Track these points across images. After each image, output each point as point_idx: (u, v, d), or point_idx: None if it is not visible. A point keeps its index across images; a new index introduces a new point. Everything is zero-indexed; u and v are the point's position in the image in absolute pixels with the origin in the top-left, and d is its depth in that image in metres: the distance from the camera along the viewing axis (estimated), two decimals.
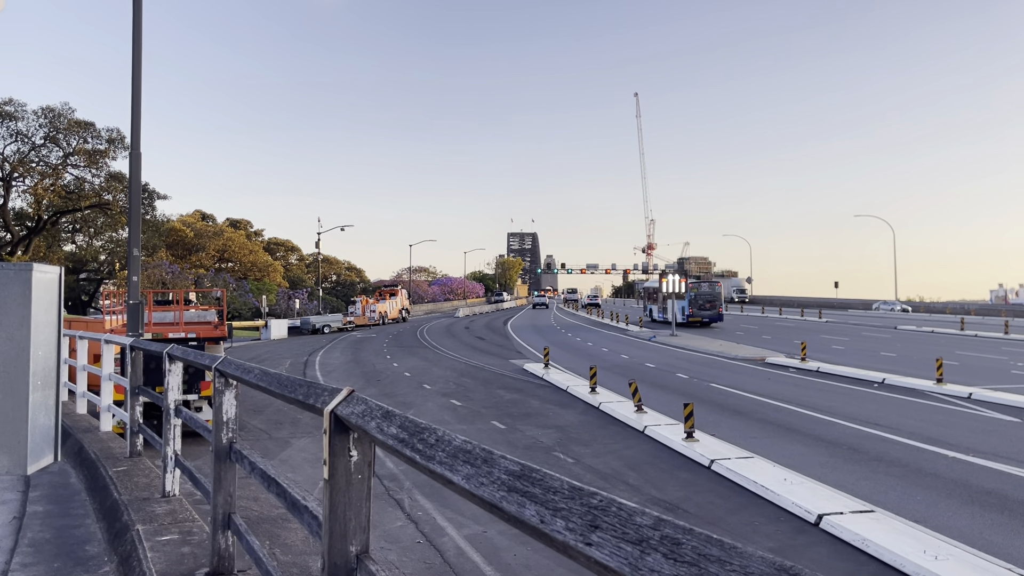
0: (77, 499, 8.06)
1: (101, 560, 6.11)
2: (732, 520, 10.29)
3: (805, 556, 8.77)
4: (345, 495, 2.71)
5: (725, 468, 12.54)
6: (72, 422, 11.53)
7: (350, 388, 2.82)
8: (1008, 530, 9.54)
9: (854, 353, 33.28)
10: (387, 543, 9.23)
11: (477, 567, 8.46)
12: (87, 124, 53.80)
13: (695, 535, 1.13)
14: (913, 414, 17.78)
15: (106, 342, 10.95)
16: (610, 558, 1.19)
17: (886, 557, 8.48)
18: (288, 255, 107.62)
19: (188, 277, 64.07)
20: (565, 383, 23.59)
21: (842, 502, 10.44)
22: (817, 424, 16.80)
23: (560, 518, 1.35)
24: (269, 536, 5.78)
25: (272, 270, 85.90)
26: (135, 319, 14.32)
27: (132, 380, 8.70)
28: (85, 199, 54.64)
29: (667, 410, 18.06)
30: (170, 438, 6.74)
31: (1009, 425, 16.36)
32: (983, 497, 10.97)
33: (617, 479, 12.49)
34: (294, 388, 3.36)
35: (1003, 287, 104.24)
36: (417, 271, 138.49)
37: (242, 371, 4.34)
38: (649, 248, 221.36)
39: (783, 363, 29.06)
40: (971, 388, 20.81)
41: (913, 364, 27.86)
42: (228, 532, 4.80)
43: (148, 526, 6.14)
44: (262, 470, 4.04)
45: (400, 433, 2.20)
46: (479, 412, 19.35)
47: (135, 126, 14.65)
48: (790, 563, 1.01)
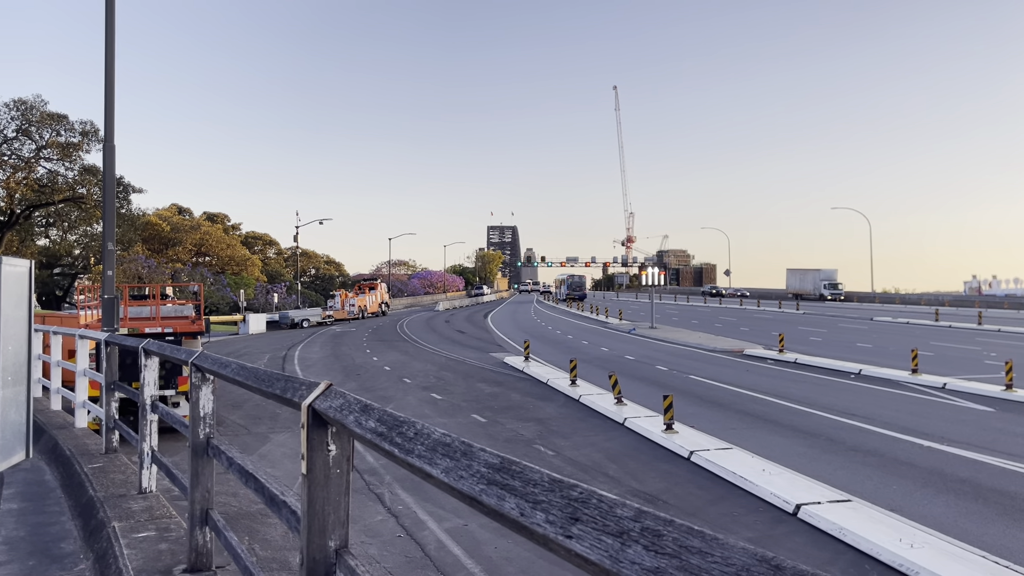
0: (52, 496, 7.96)
1: (77, 558, 6.04)
2: (712, 511, 10.36)
3: (784, 546, 8.85)
4: (324, 490, 2.69)
5: (704, 459, 12.62)
6: (46, 419, 11.38)
7: (328, 382, 2.79)
8: (982, 518, 9.69)
9: (831, 344, 33.62)
10: (367, 537, 9.20)
11: (458, 560, 8.46)
12: (60, 117, 53.03)
13: (676, 527, 1.13)
14: (889, 404, 17.99)
15: (80, 337, 10.82)
16: (590, 551, 1.18)
17: (863, 546, 8.58)
18: (266, 249, 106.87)
19: (165, 271, 63.43)
20: (545, 376, 23.63)
21: (820, 492, 10.55)
22: (795, 415, 16.96)
23: (540, 511, 1.34)
24: (248, 532, 5.74)
25: (250, 264, 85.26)
26: (110, 314, 14.14)
27: (107, 376, 8.59)
28: (59, 193, 53.88)
29: (647, 402, 18.14)
30: (147, 434, 6.67)
31: (982, 414, 16.60)
32: (957, 485, 11.12)
33: (597, 471, 12.53)
34: (272, 382, 3.32)
35: (976, 279, 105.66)
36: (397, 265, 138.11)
37: (219, 366, 4.29)
38: (629, 241, 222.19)
39: (761, 355, 29.29)
40: (945, 378, 21.09)
41: (889, 355, 28.20)
42: (206, 528, 4.75)
43: (124, 523, 6.07)
44: (240, 465, 4.00)
45: (378, 427, 2.18)
46: (459, 406, 19.33)
47: (109, 118, 14.45)
48: (771, 554, 1.00)
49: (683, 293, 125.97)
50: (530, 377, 24.37)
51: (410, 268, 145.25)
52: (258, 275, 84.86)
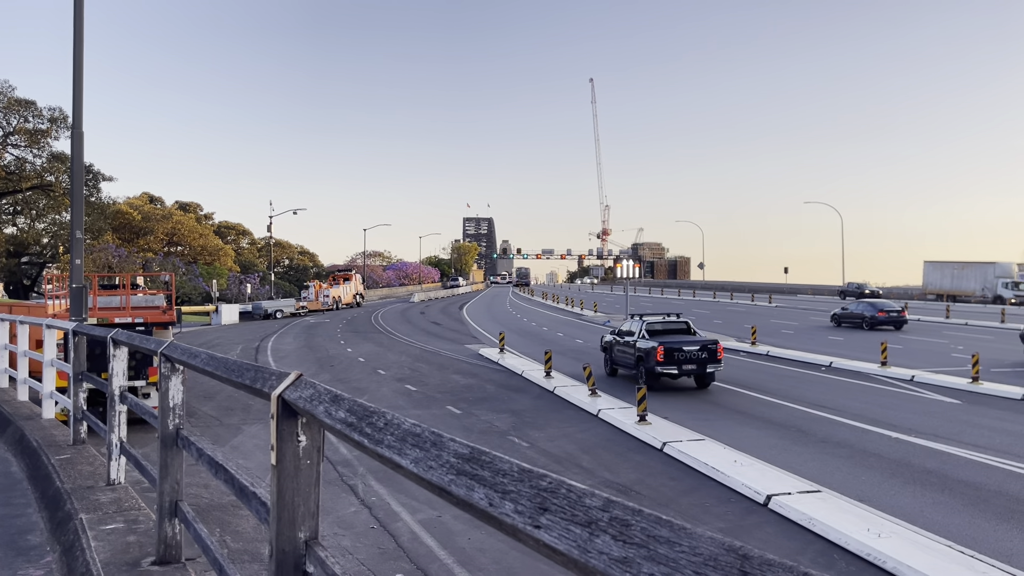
0: (18, 488, 7.83)
1: (43, 550, 5.94)
2: (684, 501, 10.45)
3: (754, 536, 8.95)
4: (293, 481, 2.66)
5: (677, 451, 12.72)
6: (13, 409, 11.19)
7: (298, 372, 2.76)
8: (948, 508, 9.86)
9: (802, 337, 34.00)
10: (341, 529, 9.16)
11: (431, 551, 8.45)
12: (28, 103, 52.04)
13: (644, 516, 1.12)
14: (859, 396, 18.24)
15: (48, 327, 10.63)
16: (559, 541, 1.17)
17: (832, 535, 8.70)
18: (239, 239, 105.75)
19: (136, 261, 62.56)
20: (520, 368, 23.67)
21: (790, 483, 10.68)
22: (767, 407, 17.14)
23: (509, 501, 1.33)
24: (220, 523, 5.68)
25: (223, 254, 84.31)
26: (78, 303, 13.93)
27: (75, 366, 8.45)
28: (26, 180, 52.92)
29: (621, 394, 18.24)
30: (115, 425, 6.57)
31: (949, 407, 16.88)
32: (924, 476, 11.31)
33: (571, 462, 12.58)
34: (241, 372, 3.29)
35: None
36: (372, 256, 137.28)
37: (189, 356, 4.24)
38: (604, 234, 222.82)
39: (734, 347, 29.54)
40: (914, 371, 21.42)
41: (859, 348, 28.57)
42: (175, 520, 4.70)
43: (92, 515, 5.99)
44: (210, 456, 3.96)
45: (348, 417, 2.16)
46: (434, 397, 19.30)
47: (77, 103, 14.19)
48: (739, 543, 1.01)
49: (657, 286, 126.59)
50: (505, 369, 24.39)
51: (385, 259, 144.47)
52: (231, 265, 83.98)
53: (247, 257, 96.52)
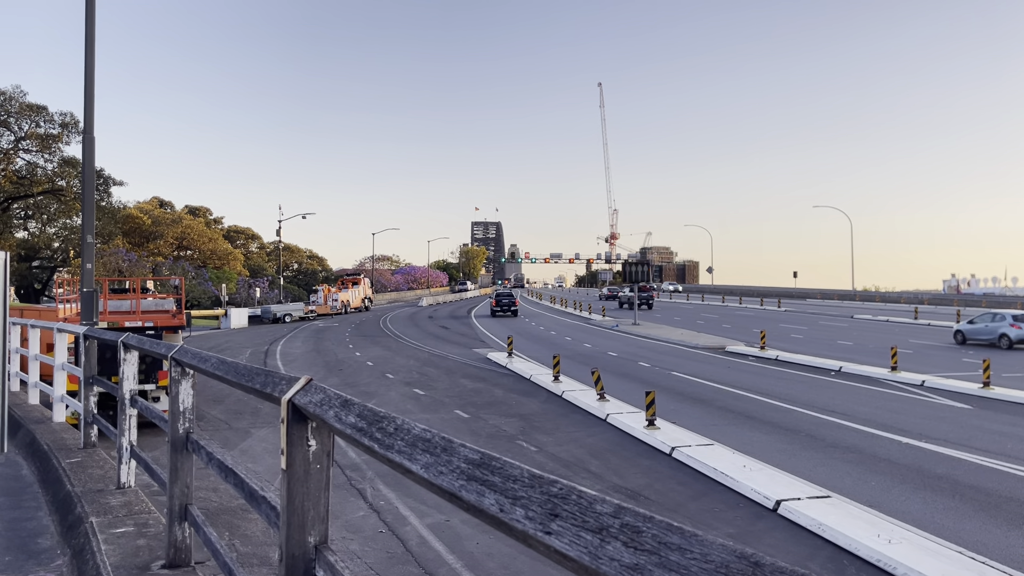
0: (29, 491, 7.87)
1: (54, 553, 5.97)
2: (693, 507, 10.42)
3: (764, 541, 8.91)
4: (303, 485, 2.67)
5: (686, 455, 12.68)
6: (24, 413, 11.25)
7: (308, 377, 2.77)
8: (959, 514, 9.80)
9: (812, 341, 33.87)
10: (349, 533, 9.17)
11: (439, 556, 8.45)
12: (39, 108, 52.38)
13: (655, 523, 1.12)
14: (869, 401, 18.15)
15: (59, 331, 10.69)
16: (569, 547, 1.17)
17: (841, 541, 8.66)
18: (249, 243, 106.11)
19: (146, 265, 62.85)
20: (528, 372, 23.65)
21: (799, 488, 10.63)
22: (776, 411, 17.07)
23: (520, 507, 1.33)
24: (229, 527, 5.69)
25: (232, 258, 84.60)
26: (89, 307, 14.00)
27: (86, 370, 8.49)
28: (38, 185, 53.26)
29: (629, 398, 18.20)
30: (125, 428, 6.60)
31: (960, 412, 16.78)
32: (935, 482, 11.24)
33: (580, 467, 12.56)
34: (251, 377, 3.30)
35: (955, 277, 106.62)
36: (380, 260, 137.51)
37: (199, 360, 4.25)
38: (612, 238, 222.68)
39: (743, 351, 29.45)
40: (924, 376, 21.30)
41: (869, 352, 28.43)
42: (185, 523, 4.71)
43: (102, 518, 6.01)
44: (219, 460, 3.97)
45: (358, 422, 2.16)
46: (442, 401, 19.31)
47: (88, 108, 14.28)
48: (750, 550, 1.00)
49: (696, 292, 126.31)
50: (513, 373, 24.37)
51: (393, 263, 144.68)
52: (240, 269, 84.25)
53: (256, 261, 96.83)
